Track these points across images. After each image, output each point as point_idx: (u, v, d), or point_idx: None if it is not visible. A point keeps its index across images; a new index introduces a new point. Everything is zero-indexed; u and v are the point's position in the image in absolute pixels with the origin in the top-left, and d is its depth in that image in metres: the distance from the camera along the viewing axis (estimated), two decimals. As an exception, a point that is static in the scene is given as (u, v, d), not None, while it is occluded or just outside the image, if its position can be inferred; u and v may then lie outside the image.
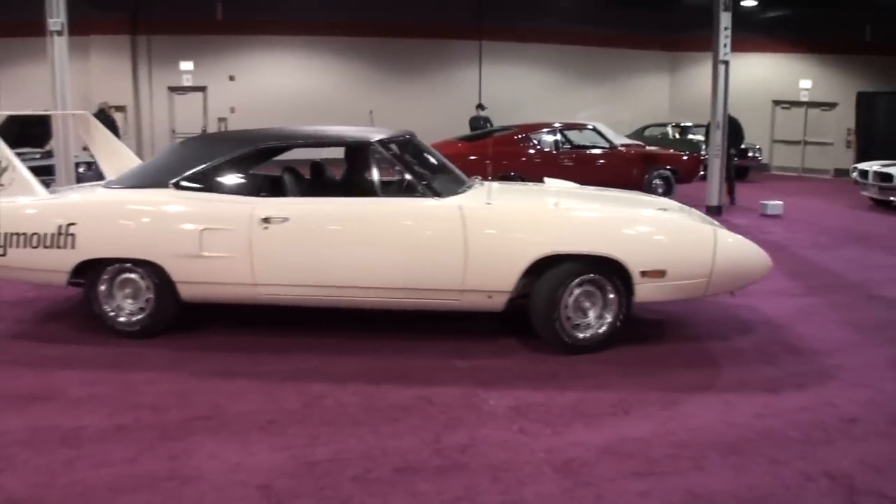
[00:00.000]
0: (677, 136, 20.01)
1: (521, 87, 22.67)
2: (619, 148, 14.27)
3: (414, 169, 5.63)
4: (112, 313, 5.53)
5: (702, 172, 13.85)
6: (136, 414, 4.19)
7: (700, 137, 17.55)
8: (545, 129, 13.81)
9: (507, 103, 20.35)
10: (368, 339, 5.54)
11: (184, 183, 5.51)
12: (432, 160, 6.21)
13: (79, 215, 5.46)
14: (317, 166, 6.51)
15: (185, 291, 5.45)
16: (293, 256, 5.29)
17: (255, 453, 3.73)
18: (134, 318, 5.52)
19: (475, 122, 18.04)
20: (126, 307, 5.54)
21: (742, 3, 19.10)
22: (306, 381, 4.71)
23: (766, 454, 3.76)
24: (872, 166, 14.16)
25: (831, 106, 22.34)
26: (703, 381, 4.81)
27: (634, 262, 5.13)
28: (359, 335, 5.63)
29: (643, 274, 5.14)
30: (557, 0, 22.07)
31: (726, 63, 12.31)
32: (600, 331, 5.29)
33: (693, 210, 6.30)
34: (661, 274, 5.15)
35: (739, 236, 5.50)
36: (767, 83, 22.64)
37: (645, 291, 5.20)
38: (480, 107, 18.85)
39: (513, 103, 20.91)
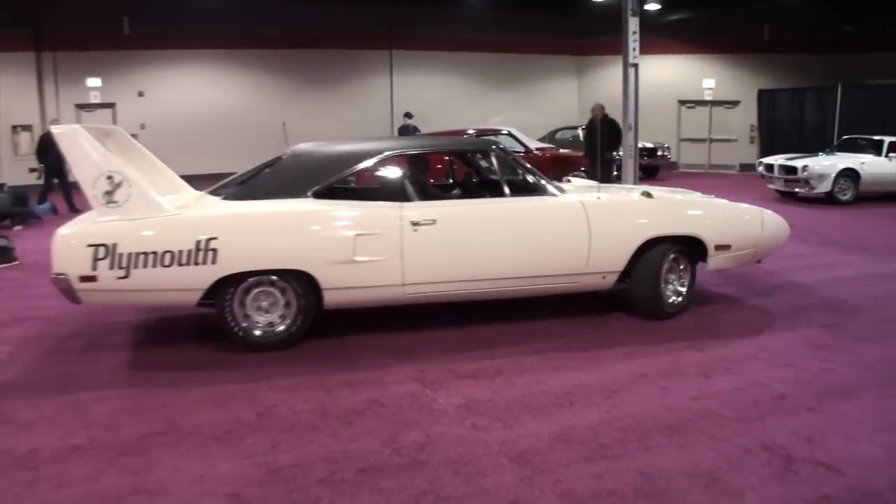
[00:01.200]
0: (587, 137, 20.47)
1: (433, 95, 22.92)
2: (535, 151, 14.60)
3: (531, 170, 6.25)
4: (249, 328, 5.48)
5: (616, 172, 14.26)
6: (89, 433, 4.15)
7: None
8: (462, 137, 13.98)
9: (420, 111, 20.52)
10: (309, 347, 5.60)
11: (325, 192, 5.64)
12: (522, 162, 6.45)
13: (220, 229, 5.29)
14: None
15: (331, 298, 5.54)
16: (441, 255, 5.64)
17: (217, 464, 3.76)
18: (274, 331, 5.53)
19: (404, 131, 18.19)
20: (261, 320, 5.52)
21: (646, 7, 19.72)
22: (257, 392, 4.74)
23: (707, 432, 4.01)
24: (778, 160, 14.85)
25: (734, 104, 23.28)
26: (640, 369, 5.06)
27: (711, 239, 6.24)
28: (300, 342, 5.68)
29: (716, 248, 6.26)
30: (465, 8, 22.40)
31: (636, 66, 12.73)
32: (683, 296, 6.32)
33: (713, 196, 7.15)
34: (728, 247, 6.32)
35: (773, 212, 6.75)
36: (672, 84, 23.47)
37: (716, 262, 6.34)
38: (408, 115, 18.99)
39: (426, 110, 21.11)
